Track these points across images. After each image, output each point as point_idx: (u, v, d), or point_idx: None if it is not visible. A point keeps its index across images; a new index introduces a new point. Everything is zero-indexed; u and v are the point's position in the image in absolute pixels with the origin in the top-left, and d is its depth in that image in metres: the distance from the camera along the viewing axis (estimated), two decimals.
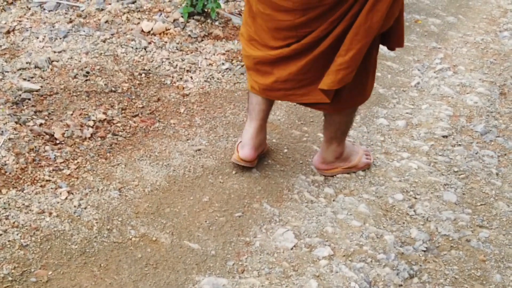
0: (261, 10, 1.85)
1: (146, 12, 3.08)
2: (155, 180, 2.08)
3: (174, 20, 3.05)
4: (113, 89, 2.49)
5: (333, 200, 2.17)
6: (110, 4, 3.24)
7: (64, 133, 2.15)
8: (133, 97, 2.50)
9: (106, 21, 2.97)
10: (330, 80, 1.87)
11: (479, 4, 4.18)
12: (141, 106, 2.47)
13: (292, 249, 1.91)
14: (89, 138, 2.18)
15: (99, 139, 2.21)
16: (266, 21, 1.87)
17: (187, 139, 2.34)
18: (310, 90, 1.95)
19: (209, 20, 3.09)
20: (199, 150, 2.29)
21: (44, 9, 3.07)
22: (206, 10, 3.11)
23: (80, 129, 2.20)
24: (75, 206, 1.89)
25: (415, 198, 2.24)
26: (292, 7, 1.78)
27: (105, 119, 2.30)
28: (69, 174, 2.01)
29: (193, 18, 3.09)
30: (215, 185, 2.13)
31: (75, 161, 2.07)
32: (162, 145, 2.27)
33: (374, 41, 1.90)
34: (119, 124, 2.31)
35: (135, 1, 3.20)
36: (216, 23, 3.13)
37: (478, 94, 3.01)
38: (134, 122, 2.35)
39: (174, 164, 2.18)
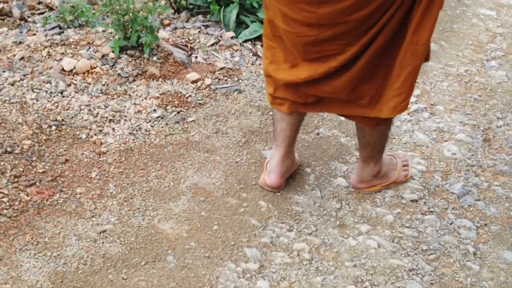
0: (284, 28, 1.77)
1: (72, 46, 2.64)
2: (36, 281, 1.64)
3: (103, 56, 2.61)
4: (9, 149, 2.05)
5: None
6: (34, 34, 2.80)
7: None
8: (34, 158, 2.06)
9: (22, 58, 2.53)
10: (386, 108, 1.84)
11: (465, 27, 3.74)
12: (42, 170, 2.03)
13: None
14: None
15: None
16: (290, 38, 1.79)
17: (92, 216, 1.91)
18: (347, 106, 1.91)
19: (145, 55, 2.65)
20: (104, 231, 1.85)
21: None
22: (142, 42, 2.67)
23: None
24: None
25: None
26: (317, 21, 1.69)
27: None
28: None
29: (126, 53, 2.65)
30: (116, 283, 1.69)
31: None
32: (57, 227, 1.83)
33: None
34: (5, 199, 1.86)
35: (62, 32, 2.77)
36: (154, 58, 2.69)
37: (457, 142, 2.57)
38: (28, 194, 1.91)
39: (66, 255, 1.74)
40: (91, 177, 2.06)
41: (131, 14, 2.60)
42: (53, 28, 2.82)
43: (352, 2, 1.63)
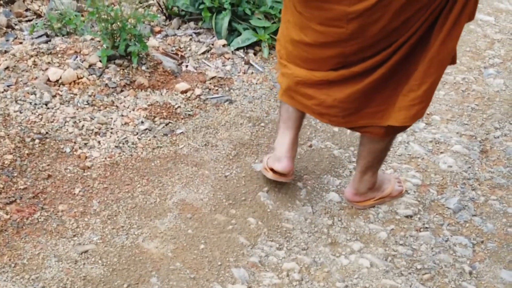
0: (310, 41, 1.73)
1: (59, 55, 2.57)
2: None
3: (90, 66, 2.54)
4: None
5: None
6: (21, 43, 2.73)
7: None
8: (15, 174, 2.00)
9: (7, 68, 2.47)
10: (403, 116, 1.79)
11: (463, 33, 3.64)
12: (23, 187, 1.96)
13: None
14: None
15: None
16: (314, 51, 1.75)
17: (74, 235, 1.84)
18: (356, 117, 1.85)
19: (133, 65, 2.58)
20: (85, 252, 1.78)
21: None
22: (130, 51, 2.60)
23: None
24: None
25: None
26: (345, 37, 1.66)
27: None
28: None
29: (114, 63, 2.58)
30: None
31: None
32: (36, 247, 1.77)
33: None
34: None
35: (49, 40, 2.70)
36: (143, 67, 2.62)
37: (454, 154, 2.51)
38: (7, 212, 1.85)
39: (45, 278, 1.68)
40: (74, 194, 1.99)
41: (119, 23, 2.53)
42: (40, 36, 2.75)
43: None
